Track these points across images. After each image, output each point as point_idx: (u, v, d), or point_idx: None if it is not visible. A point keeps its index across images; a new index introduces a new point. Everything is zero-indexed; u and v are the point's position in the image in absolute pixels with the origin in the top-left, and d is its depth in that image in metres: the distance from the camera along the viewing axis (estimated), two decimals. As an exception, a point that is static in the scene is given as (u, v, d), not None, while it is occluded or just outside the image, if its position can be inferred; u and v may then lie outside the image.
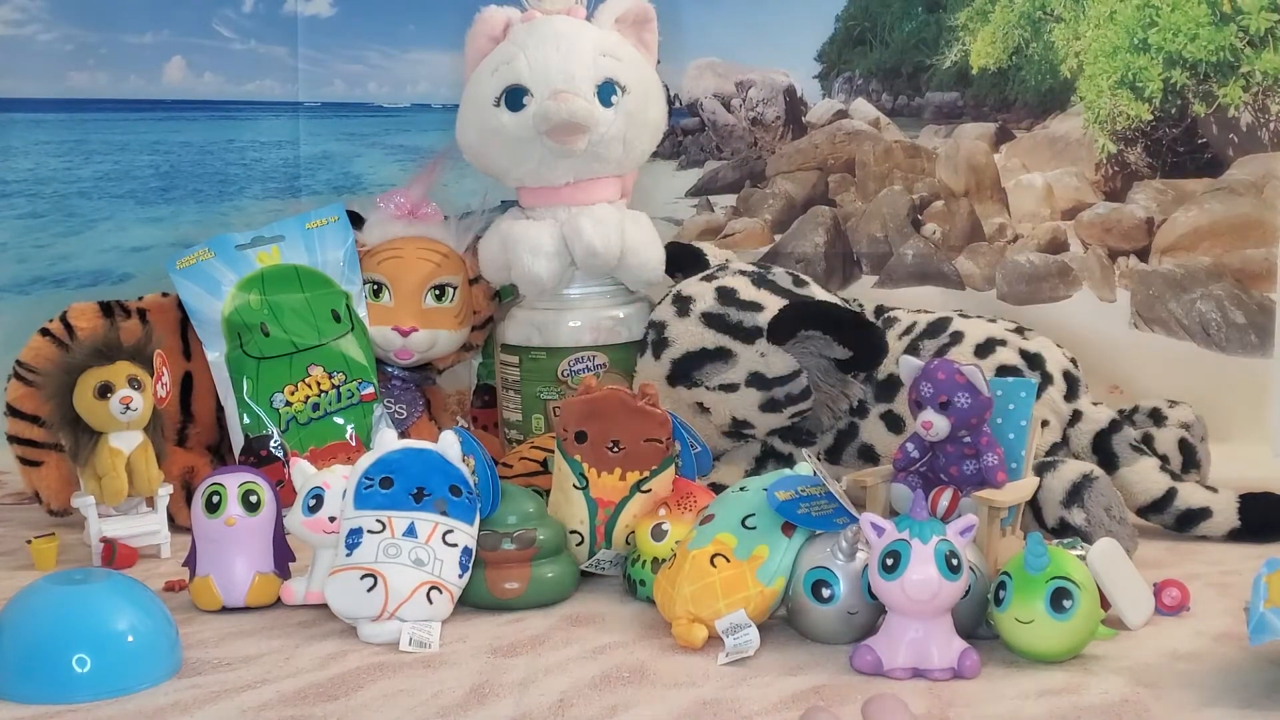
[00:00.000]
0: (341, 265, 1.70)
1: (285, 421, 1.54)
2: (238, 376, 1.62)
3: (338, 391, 1.55)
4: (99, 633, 1.13)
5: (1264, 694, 1.09)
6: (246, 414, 1.62)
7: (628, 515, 1.40)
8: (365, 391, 1.55)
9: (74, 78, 2.15)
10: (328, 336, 1.61)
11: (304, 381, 1.57)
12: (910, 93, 2.15)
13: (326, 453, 1.57)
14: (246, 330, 1.59)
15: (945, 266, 2.13)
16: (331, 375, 1.55)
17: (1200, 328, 2.04)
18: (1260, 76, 1.97)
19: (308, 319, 1.64)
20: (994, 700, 1.09)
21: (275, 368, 1.58)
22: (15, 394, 1.69)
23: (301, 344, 1.58)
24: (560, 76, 1.67)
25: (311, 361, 1.56)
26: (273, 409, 1.54)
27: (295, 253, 1.69)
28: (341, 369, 1.56)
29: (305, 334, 1.64)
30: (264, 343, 1.55)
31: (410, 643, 1.22)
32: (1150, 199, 2.06)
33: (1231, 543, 1.52)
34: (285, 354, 1.59)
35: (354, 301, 1.66)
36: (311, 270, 1.66)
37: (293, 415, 1.53)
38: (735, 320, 1.63)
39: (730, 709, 1.08)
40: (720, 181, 2.20)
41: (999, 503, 1.28)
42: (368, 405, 1.55)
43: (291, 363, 1.58)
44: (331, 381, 1.55)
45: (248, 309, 1.61)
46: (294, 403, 1.51)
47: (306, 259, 1.70)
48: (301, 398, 1.52)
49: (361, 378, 1.58)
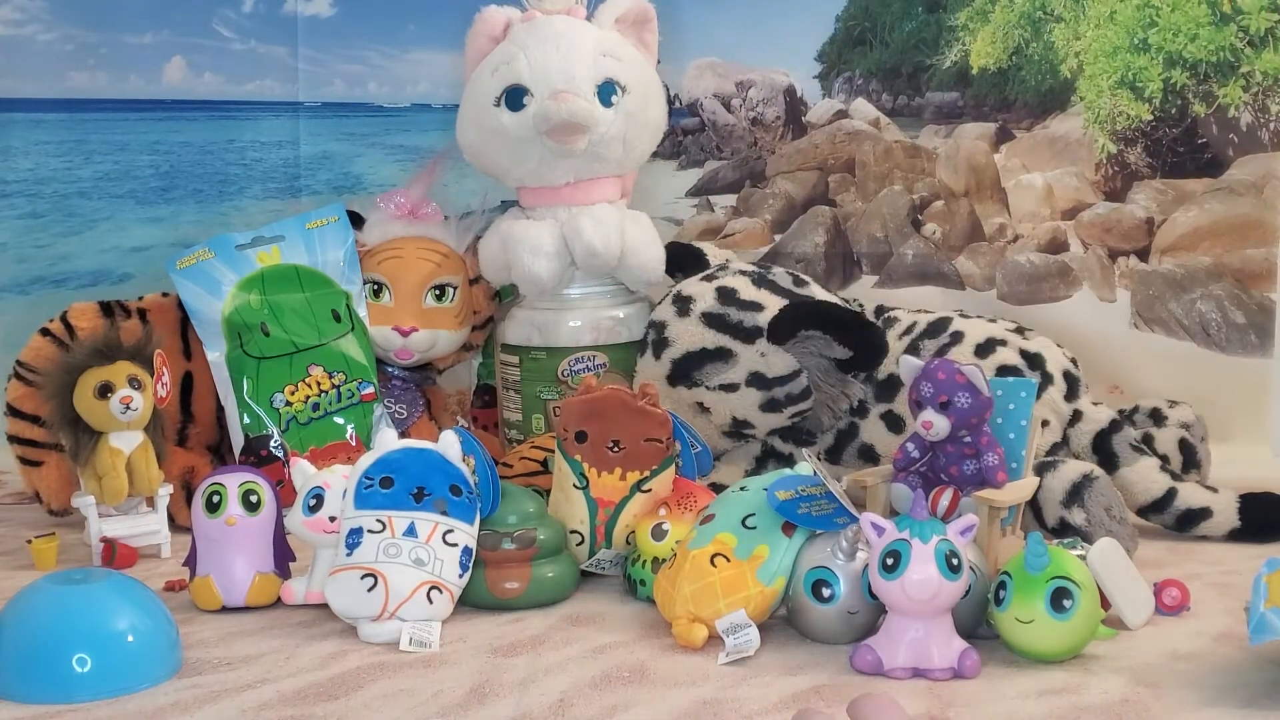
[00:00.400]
0: (341, 265, 1.70)
1: (285, 421, 1.54)
2: (238, 376, 1.62)
3: (338, 391, 1.54)
4: (99, 633, 1.13)
5: (1264, 694, 1.09)
6: (246, 414, 1.62)
7: (628, 515, 1.40)
8: (365, 391, 1.55)
9: (74, 78, 2.15)
10: (328, 336, 1.61)
11: (304, 381, 1.57)
12: (910, 93, 2.15)
13: (326, 452, 1.57)
14: (247, 330, 1.59)
15: (945, 266, 2.13)
16: (332, 375, 1.55)
17: (1200, 328, 2.04)
18: (1260, 76, 1.98)
19: (308, 319, 1.64)
20: (994, 700, 1.09)
21: (275, 368, 1.58)
22: (15, 394, 1.69)
23: (302, 344, 1.58)
24: (560, 76, 1.67)
25: (312, 361, 1.56)
26: (273, 409, 1.53)
27: (295, 253, 1.69)
28: (342, 369, 1.56)
29: (305, 334, 1.64)
30: (264, 342, 1.55)
31: (410, 642, 1.22)
32: (1150, 199, 2.06)
33: (1231, 543, 1.52)
34: (285, 354, 1.59)
35: (354, 301, 1.66)
36: (311, 270, 1.66)
37: (293, 415, 1.53)
38: (735, 320, 1.63)
39: (730, 709, 1.08)
40: (720, 181, 2.20)
41: (999, 503, 1.28)
42: (368, 405, 1.55)
43: (292, 363, 1.58)
44: (332, 381, 1.54)
45: (248, 309, 1.61)
46: (294, 403, 1.51)
47: (307, 259, 1.70)
48: (302, 398, 1.52)
49: (362, 377, 1.58)
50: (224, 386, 1.65)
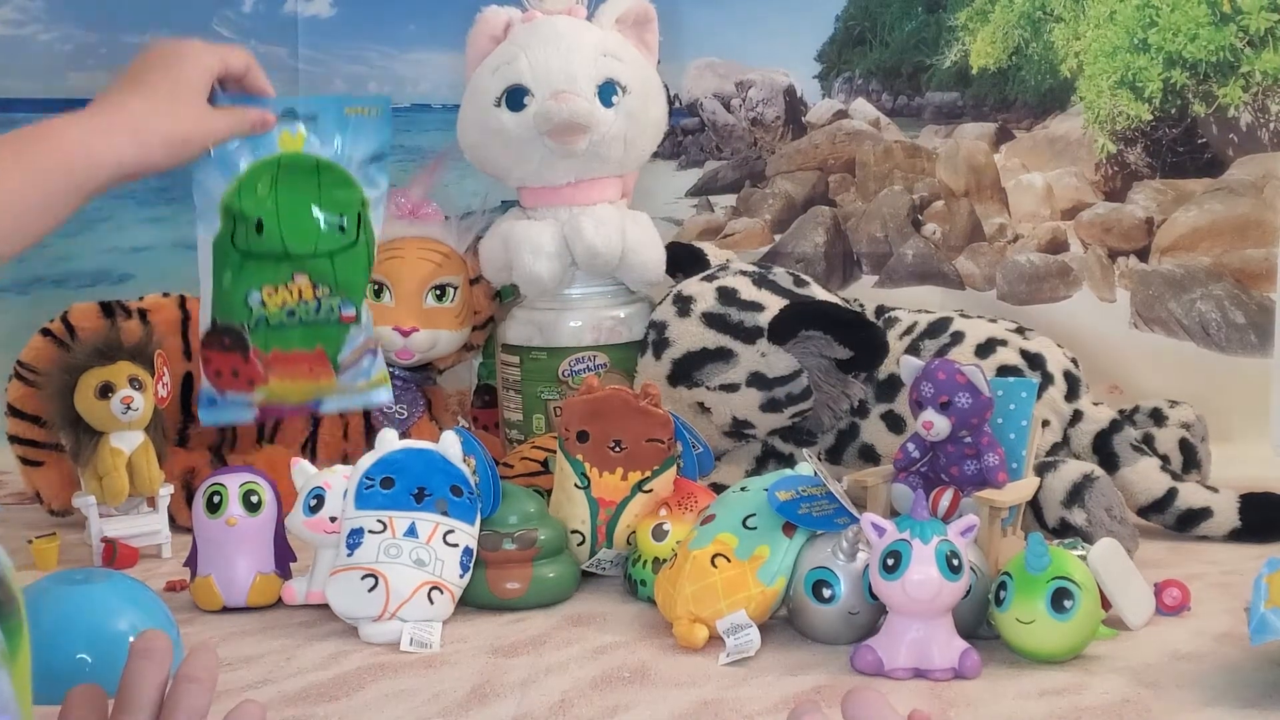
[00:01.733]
0: (369, 165, 1.41)
1: (255, 320, 1.39)
2: (220, 269, 1.37)
3: (319, 304, 1.38)
4: (99, 633, 1.13)
5: (1265, 694, 1.09)
6: (218, 304, 1.37)
7: (629, 515, 1.40)
8: (346, 313, 1.35)
9: (74, 78, 2.14)
10: (325, 247, 1.37)
11: (286, 286, 1.33)
12: (910, 93, 2.15)
13: (289, 359, 1.36)
14: (242, 220, 1.35)
15: (945, 266, 2.13)
16: (316, 287, 1.37)
17: (1200, 328, 2.04)
18: (1260, 76, 1.98)
19: (310, 223, 1.37)
20: (995, 700, 1.09)
21: (259, 266, 1.34)
22: (16, 394, 1.69)
23: (294, 250, 1.34)
24: (561, 77, 1.67)
25: (299, 269, 1.39)
26: (245, 305, 1.42)
27: (322, 141, 1.41)
28: (329, 283, 1.38)
29: (302, 240, 1.37)
30: (255, 239, 1.32)
31: (411, 643, 1.22)
32: (1150, 199, 2.06)
33: (1232, 543, 1.52)
34: (273, 255, 1.34)
35: (370, 208, 1.40)
36: (333, 166, 1.39)
37: (264, 315, 1.38)
38: (736, 320, 1.63)
39: (731, 709, 1.08)
40: (720, 181, 2.20)
41: (1000, 503, 1.28)
42: (344, 327, 1.37)
43: (278, 265, 1.34)
44: (315, 294, 1.38)
45: (252, 199, 1.35)
46: (269, 304, 1.35)
47: (332, 150, 1.41)
48: (279, 302, 1.33)
49: (346, 296, 1.36)
50: (204, 269, 1.39)
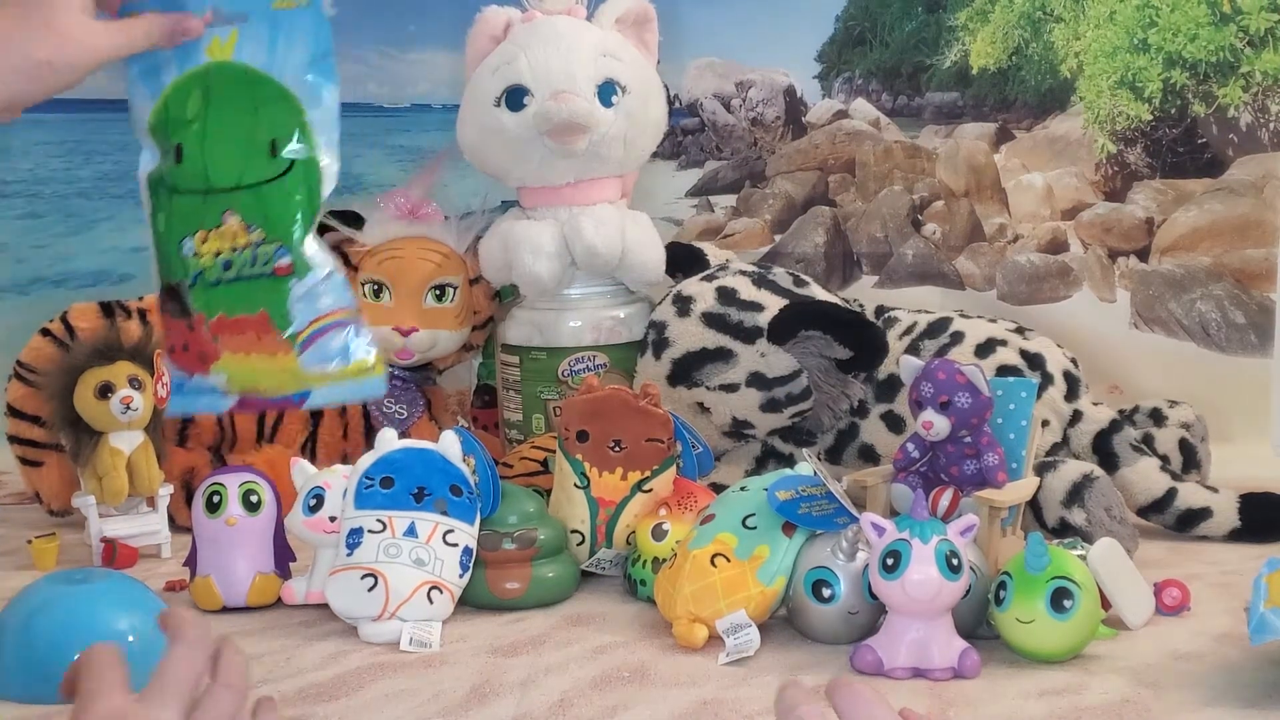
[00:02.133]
0: (305, 72, 1.13)
1: (193, 275, 1.07)
2: (154, 211, 1.12)
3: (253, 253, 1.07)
4: (99, 633, 1.13)
5: (1264, 694, 1.09)
6: (160, 257, 1.12)
7: (629, 515, 1.40)
8: (281, 262, 1.05)
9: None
10: (250, 178, 1.09)
11: (217, 230, 1.07)
12: (910, 93, 2.15)
13: (235, 326, 1.09)
14: (167, 148, 1.10)
15: (945, 266, 2.13)
16: (249, 229, 1.06)
17: (1200, 328, 2.04)
18: (1260, 76, 1.97)
19: (238, 147, 1.09)
20: (994, 700, 1.09)
21: (187, 205, 1.09)
22: (16, 394, 1.69)
23: (217, 182, 1.08)
24: (561, 77, 1.67)
25: (228, 207, 1.06)
26: (180, 256, 1.07)
27: (253, 47, 1.12)
28: (260, 224, 1.06)
29: (225, 169, 1.09)
30: (175, 171, 1.08)
31: (411, 642, 1.22)
32: (1150, 199, 2.06)
33: (1232, 543, 1.52)
34: (196, 190, 1.09)
35: (312, 130, 1.09)
36: (265, 77, 1.11)
37: (200, 270, 1.07)
38: (736, 320, 1.63)
39: (731, 709, 1.08)
40: (720, 181, 2.20)
41: (999, 503, 1.28)
42: (282, 281, 1.04)
43: (205, 202, 1.08)
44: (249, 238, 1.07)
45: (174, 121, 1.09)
46: (203, 254, 1.04)
47: (265, 56, 1.12)
48: (212, 250, 0.99)
49: (282, 241, 1.06)
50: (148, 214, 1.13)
